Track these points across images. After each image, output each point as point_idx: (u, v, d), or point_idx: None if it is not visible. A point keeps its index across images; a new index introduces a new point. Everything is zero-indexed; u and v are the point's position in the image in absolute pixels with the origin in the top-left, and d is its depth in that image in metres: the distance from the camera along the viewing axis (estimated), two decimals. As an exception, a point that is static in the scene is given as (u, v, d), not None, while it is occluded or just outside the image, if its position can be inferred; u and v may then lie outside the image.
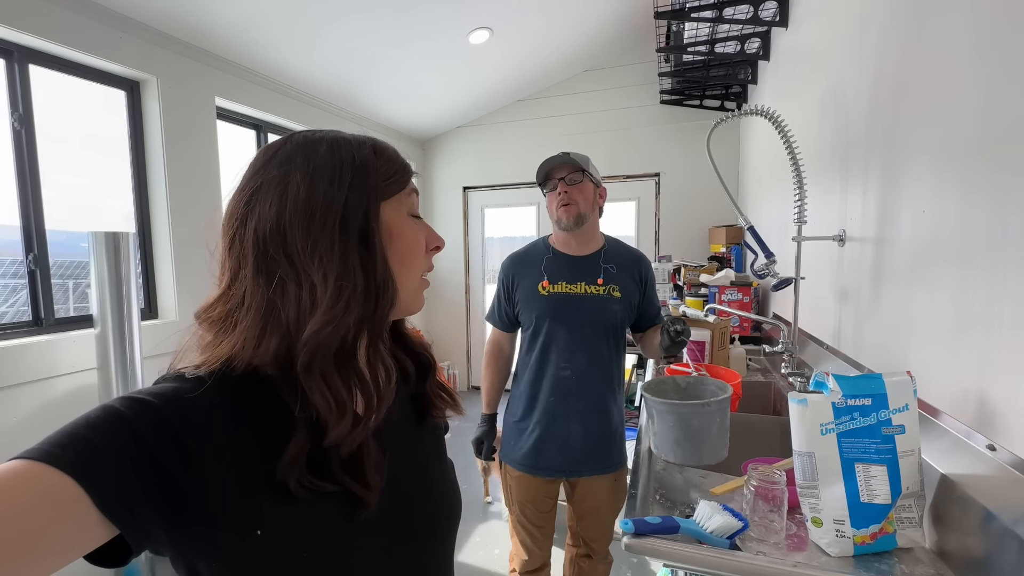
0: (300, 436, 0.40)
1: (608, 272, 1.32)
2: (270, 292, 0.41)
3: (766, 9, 2.07)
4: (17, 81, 1.82)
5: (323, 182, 0.42)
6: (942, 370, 0.83)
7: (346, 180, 0.43)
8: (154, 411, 0.36)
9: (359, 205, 0.43)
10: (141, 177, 2.26)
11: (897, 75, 1.03)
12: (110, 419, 0.35)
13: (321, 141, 0.45)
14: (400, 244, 0.47)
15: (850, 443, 0.74)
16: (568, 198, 1.27)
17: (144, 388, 0.39)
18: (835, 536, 0.73)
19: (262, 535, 0.38)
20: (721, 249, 3.08)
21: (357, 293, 0.42)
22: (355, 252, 0.42)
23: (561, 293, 1.30)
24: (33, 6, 1.77)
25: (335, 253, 0.41)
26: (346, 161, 0.44)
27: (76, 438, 0.33)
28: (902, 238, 0.99)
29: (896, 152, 1.02)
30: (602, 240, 1.37)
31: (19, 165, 1.83)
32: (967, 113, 0.77)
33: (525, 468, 1.34)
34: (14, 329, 1.83)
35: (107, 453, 0.33)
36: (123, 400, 0.36)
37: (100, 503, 0.32)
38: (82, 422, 0.34)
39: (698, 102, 3.47)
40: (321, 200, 0.42)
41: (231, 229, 0.43)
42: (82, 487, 0.32)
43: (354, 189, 0.43)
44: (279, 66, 2.70)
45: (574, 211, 1.27)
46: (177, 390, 0.39)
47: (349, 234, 0.42)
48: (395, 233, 0.46)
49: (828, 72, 1.48)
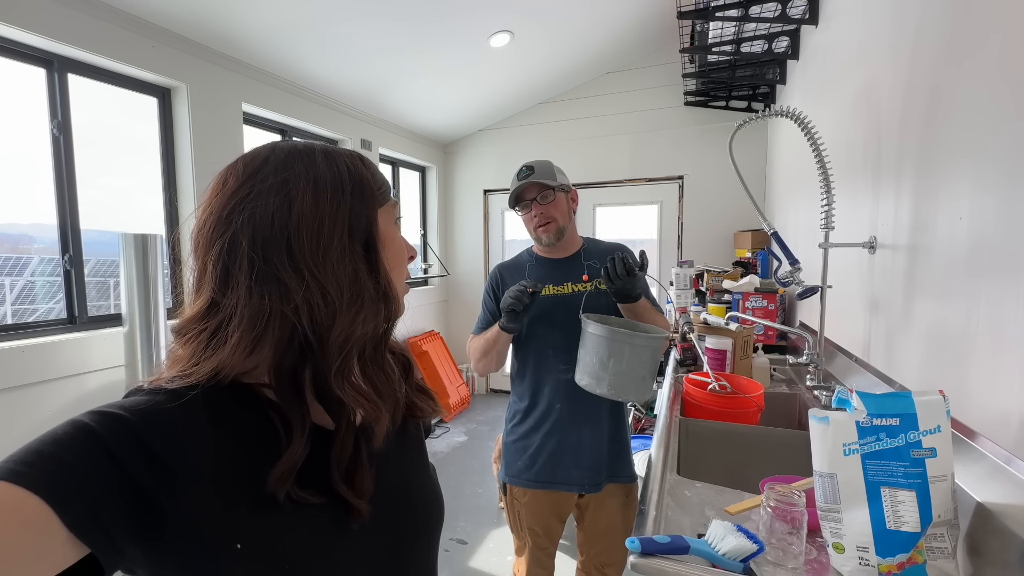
0: (297, 445, 0.39)
1: (591, 268, 1.31)
2: (269, 301, 0.40)
3: (795, 6, 2.00)
4: (57, 90, 1.90)
5: (328, 190, 0.43)
6: (980, 389, 0.77)
7: (348, 189, 0.44)
8: (126, 425, 0.35)
9: (363, 213, 0.44)
10: (171, 180, 2.34)
11: (933, 74, 0.97)
12: (79, 435, 0.34)
13: (314, 151, 0.45)
14: (392, 250, 0.48)
15: (876, 465, 0.69)
16: (544, 217, 1.27)
17: (115, 402, 0.38)
18: (858, 564, 0.69)
19: (242, 548, 0.38)
20: (747, 254, 2.99)
21: (370, 298, 0.43)
22: (362, 259, 0.44)
23: (549, 295, 1.29)
24: (72, 18, 1.85)
25: (346, 260, 0.42)
26: (343, 170, 0.45)
27: (42, 455, 0.32)
28: (937, 246, 0.93)
29: (932, 155, 0.96)
30: (580, 241, 1.37)
31: (57, 170, 1.91)
32: (1008, 114, 0.72)
33: (540, 485, 1.28)
34: (51, 326, 1.92)
35: (75, 470, 0.32)
36: (93, 415, 0.35)
37: (69, 521, 0.31)
38: (48, 438, 0.33)
39: (724, 103, 3.38)
40: (328, 208, 0.42)
41: (216, 238, 0.41)
42: (49, 506, 0.31)
43: (356, 197, 0.44)
44: (303, 72, 2.75)
45: (553, 228, 1.28)
46: (151, 403, 0.38)
47: (356, 241, 0.43)
48: (388, 240, 0.47)
49: (860, 71, 1.42)
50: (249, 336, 0.39)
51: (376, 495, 0.45)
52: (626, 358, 0.95)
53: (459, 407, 4.02)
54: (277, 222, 0.40)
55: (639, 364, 0.97)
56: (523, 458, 1.30)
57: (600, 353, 0.97)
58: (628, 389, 0.97)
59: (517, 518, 1.34)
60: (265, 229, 0.40)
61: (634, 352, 0.96)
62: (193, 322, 0.41)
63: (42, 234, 1.99)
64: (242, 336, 0.39)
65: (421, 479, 0.55)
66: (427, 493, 0.54)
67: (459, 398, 4.01)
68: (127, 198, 2.27)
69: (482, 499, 2.67)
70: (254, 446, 0.40)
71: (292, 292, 0.40)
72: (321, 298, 0.40)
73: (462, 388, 4.14)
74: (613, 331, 0.97)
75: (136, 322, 1.84)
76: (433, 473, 0.58)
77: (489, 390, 4.55)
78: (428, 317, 4.31)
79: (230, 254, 0.40)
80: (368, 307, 0.43)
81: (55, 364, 1.83)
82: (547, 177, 1.26)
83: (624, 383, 0.97)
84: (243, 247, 0.40)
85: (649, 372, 1.01)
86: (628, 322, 1.18)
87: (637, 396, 1.00)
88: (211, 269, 0.41)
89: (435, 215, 4.42)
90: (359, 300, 0.42)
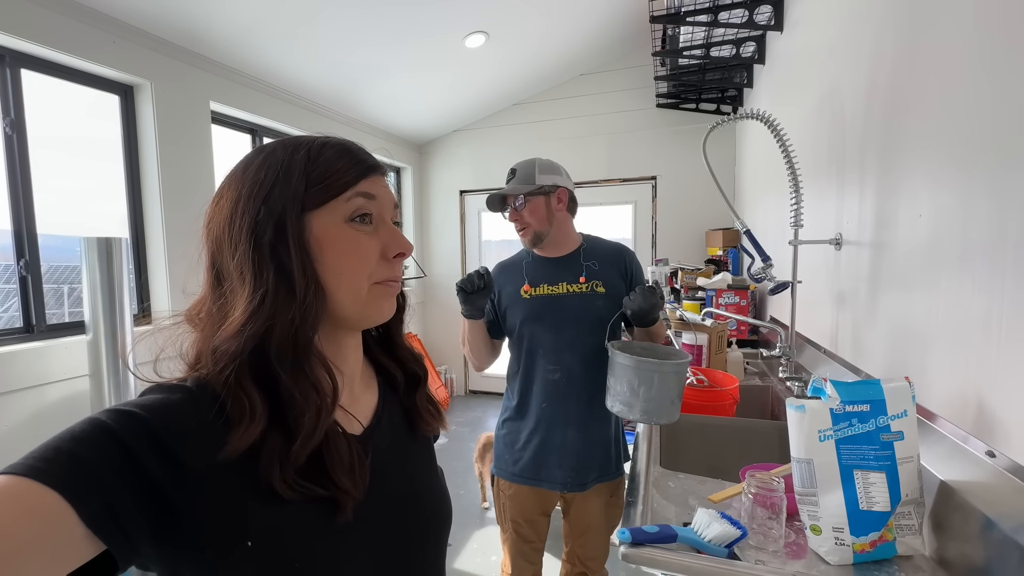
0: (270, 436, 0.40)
1: (590, 269, 1.30)
2: (216, 296, 0.44)
3: (761, 13, 2.08)
4: (9, 86, 1.80)
5: (243, 193, 0.44)
6: (941, 375, 0.82)
7: (263, 192, 0.43)
8: (142, 423, 0.36)
9: (269, 218, 0.43)
10: (135, 182, 2.24)
11: (893, 77, 1.03)
12: (97, 432, 0.34)
13: (272, 150, 0.46)
14: (332, 253, 0.44)
15: (849, 450, 0.73)
16: (520, 223, 1.29)
17: (131, 400, 0.38)
18: (834, 544, 0.72)
19: (252, 546, 0.38)
20: (718, 252, 3.08)
21: (269, 303, 0.41)
22: (267, 262, 0.42)
23: (542, 295, 1.29)
24: (25, 10, 1.76)
25: (249, 261, 0.42)
26: (271, 170, 0.44)
27: (61, 452, 0.33)
28: (899, 242, 0.98)
29: (892, 155, 1.02)
30: (579, 239, 1.36)
31: (10, 170, 1.81)
32: (965, 114, 0.77)
33: (524, 480, 1.30)
34: (5, 336, 1.81)
35: (94, 467, 0.33)
36: (110, 412, 0.36)
37: (86, 518, 0.32)
38: (67, 436, 0.34)
39: (694, 105, 3.47)
40: (239, 210, 0.43)
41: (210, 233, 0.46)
42: (68, 502, 0.31)
43: (268, 201, 0.43)
44: (274, 70, 2.69)
45: (529, 232, 1.29)
46: (165, 400, 0.38)
47: (260, 244, 0.42)
48: (325, 243, 0.44)
49: (824, 75, 1.48)
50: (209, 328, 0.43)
51: (381, 496, 0.46)
52: (656, 385, 1.00)
53: (438, 409, 3.99)
54: (217, 221, 0.45)
55: (668, 389, 1.01)
56: (510, 453, 1.32)
57: (631, 381, 1.01)
58: (660, 413, 1.01)
59: (502, 509, 1.36)
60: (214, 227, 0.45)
61: (663, 379, 1.00)
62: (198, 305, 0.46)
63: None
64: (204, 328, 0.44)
65: (429, 482, 0.55)
66: (435, 496, 0.55)
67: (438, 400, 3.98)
68: (86, 200, 2.17)
69: (464, 500, 2.66)
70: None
71: (223, 288, 0.44)
72: (231, 296, 0.43)
73: (441, 390, 4.11)
74: (642, 360, 1.01)
75: (101, 330, 1.76)
76: (442, 477, 0.58)
77: (468, 391, 4.54)
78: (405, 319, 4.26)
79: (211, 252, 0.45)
80: (265, 312, 0.41)
81: (11, 375, 1.73)
82: (524, 181, 1.27)
83: (655, 408, 1.01)
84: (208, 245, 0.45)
85: (677, 395, 1.04)
86: (650, 347, 1.20)
87: (668, 418, 1.04)
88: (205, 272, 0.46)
89: (411, 216, 4.38)
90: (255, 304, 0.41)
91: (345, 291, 0.45)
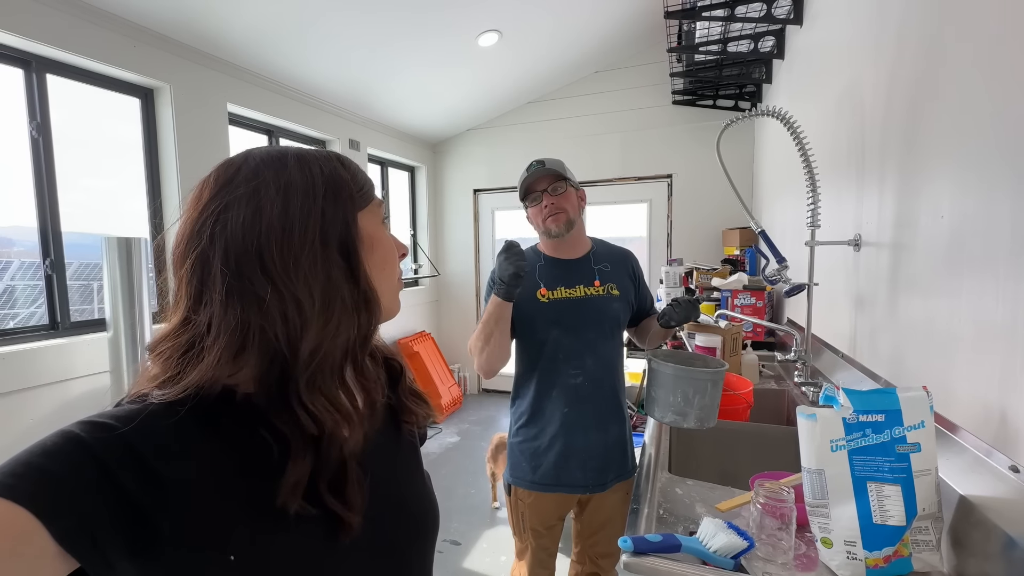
0: (301, 457, 0.39)
1: (603, 272, 1.30)
2: (245, 313, 0.39)
3: (780, 6, 2.02)
4: (35, 91, 1.86)
5: (298, 196, 0.41)
6: (962, 384, 0.79)
7: (320, 193, 0.42)
8: (117, 435, 0.35)
9: (338, 217, 0.43)
10: (155, 183, 2.30)
11: (915, 73, 0.98)
12: (69, 445, 0.33)
13: (287, 156, 0.44)
14: (380, 251, 0.47)
15: (862, 461, 0.70)
16: (555, 208, 1.26)
17: (105, 411, 0.37)
18: (846, 558, 0.70)
19: (235, 560, 0.37)
20: (735, 252, 3.01)
21: (346, 305, 0.42)
22: (337, 264, 0.42)
23: (562, 298, 1.26)
24: (49, 17, 1.81)
25: (318, 268, 0.41)
26: (316, 174, 0.43)
27: (32, 467, 0.32)
28: (920, 244, 0.95)
29: (914, 154, 0.98)
30: (589, 242, 1.35)
31: (36, 172, 1.87)
32: (989, 112, 0.73)
33: (544, 487, 1.26)
34: (31, 332, 1.88)
35: (65, 482, 0.32)
36: (82, 424, 0.35)
37: (58, 536, 0.31)
38: (38, 450, 0.33)
39: (711, 102, 3.41)
40: (298, 215, 0.41)
41: (189, 253, 0.40)
42: (38, 519, 0.30)
43: (329, 201, 0.43)
44: (290, 71, 2.72)
45: (563, 218, 1.26)
46: (143, 412, 0.37)
47: (329, 247, 0.42)
48: (374, 241, 0.47)
49: (844, 70, 1.44)
50: (230, 350, 0.38)
51: (371, 506, 0.45)
52: (708, 392, 1.05)
53: (451, 408, 4.01)
54: (248, 233, 0.39)
55: (716, 394, 1.06)
56: (528, 461, 1.28)
57: (685, 391, 1.05)
58: (710, 418, 1.06)
59: (521, 519, 1.32)
60: (236, 241, 0.39)
61: (714, 386, 1.05)
62: (167, 339, 0.40)
63: (22, 237, 1.95)
64: (222, 351, 0.38)
65: (416, 488, 0.54)
66: (422, 502, 0.54)
67: (451, 399, 4.00)
68: (110, 200, 2.23)
69: (475, 499, 2.67)
70: (245, 456, 0.40)
71: (266, 304, 0.39)
72: (295, 308, 0.39)
73: (454, 388, 4.13)
74: (696, 371, 1.05)
75: (121, 327, 1.81)
76: (428, 481, 0.57)
77: (481, 390, 4.54)
78: (419, 318, 4.29)
79: (202, 269, 0.40)
80: (343, 314, 0.42)
81: (37, 371, 1.79)
82: (560, 169, 1.26)
83: (707, 414, 1.05)
84: (214, 262, 0.39)
85: (719, 399, 1.10)
86: (690, 355, 1.22)
87: (713, 421, 1.08)
88: (184, 285, 0.40)
89: (425, 215, 4.40)
90: (331, 308, 0.41)
91: (385, 287, 0.47)
